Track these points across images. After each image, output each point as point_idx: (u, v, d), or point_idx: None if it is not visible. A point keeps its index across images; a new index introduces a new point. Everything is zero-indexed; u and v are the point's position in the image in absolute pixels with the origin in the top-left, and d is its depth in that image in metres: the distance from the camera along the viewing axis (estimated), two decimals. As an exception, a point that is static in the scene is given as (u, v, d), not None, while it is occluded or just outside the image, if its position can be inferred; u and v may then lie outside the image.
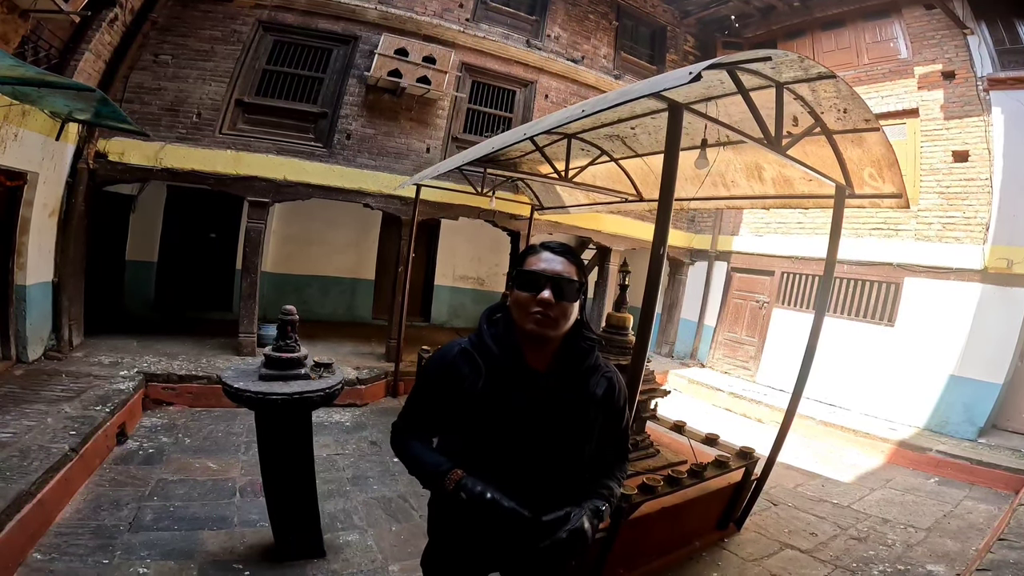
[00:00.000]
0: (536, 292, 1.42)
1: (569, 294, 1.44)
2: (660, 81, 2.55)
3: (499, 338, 1.51)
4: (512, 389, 1.46)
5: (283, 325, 2.99)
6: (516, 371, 1.48)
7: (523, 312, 1.44)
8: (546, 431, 1.47)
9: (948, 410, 6.96)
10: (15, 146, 4.74)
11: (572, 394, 1.50)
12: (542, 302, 1.41)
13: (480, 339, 1.53)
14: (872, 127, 3.48)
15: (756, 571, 3.70)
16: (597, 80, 9.13)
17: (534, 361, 1.50)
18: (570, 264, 1.47)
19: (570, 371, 1.51)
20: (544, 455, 1.47)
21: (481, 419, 1.47)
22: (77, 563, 2.92)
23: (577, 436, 1.51)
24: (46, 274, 5.70)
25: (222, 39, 6.86)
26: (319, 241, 9.64)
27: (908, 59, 7.96)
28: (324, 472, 4.29)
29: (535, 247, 1.53)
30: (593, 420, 1.53)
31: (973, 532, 4.58)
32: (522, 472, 1.45)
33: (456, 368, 1.51)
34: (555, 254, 1.48)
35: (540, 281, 1.43)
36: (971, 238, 7.04)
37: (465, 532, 1.53)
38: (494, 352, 1.49)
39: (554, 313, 1.42)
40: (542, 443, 1.47)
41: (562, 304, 1.43)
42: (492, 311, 1.61)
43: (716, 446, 4.27)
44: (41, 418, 3.97)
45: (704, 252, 10.74)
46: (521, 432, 1.45)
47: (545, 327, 1.43)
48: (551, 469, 1.49)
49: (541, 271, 1.44)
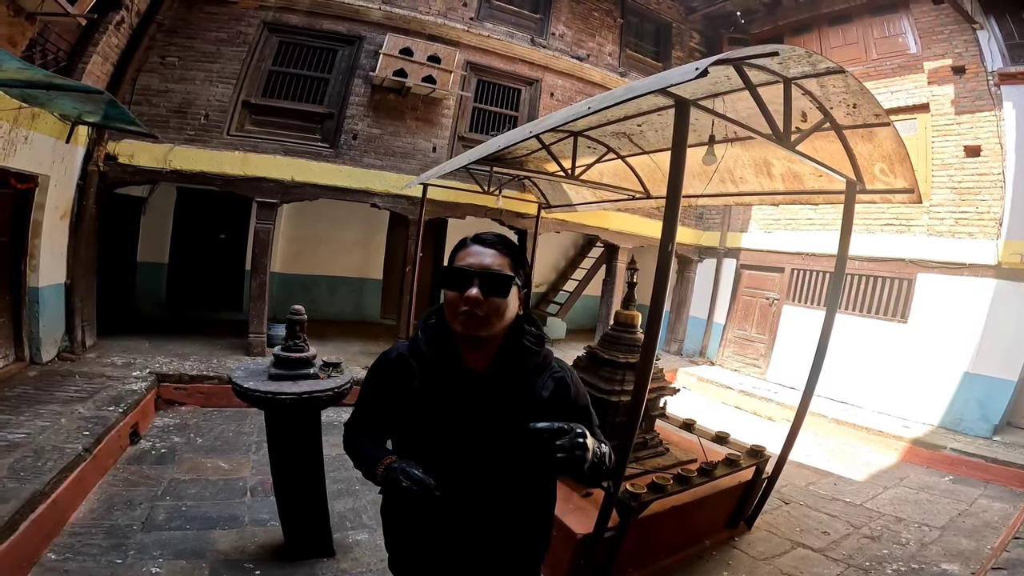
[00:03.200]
0: (463, 290, 1.32)
1: (499, 289, 1.33)
2: (666, 77, 2.53)
3: (433, 341, 1.44)
4: (447, 391, 1.40)
5: (292, 325, 2.99)
6: (452, 373, 1.41)
7: (452, 312, 1.35)
8: (484, 434, 1.39)
9: (962, 407, 6.88)
10: (26, 149, 4.79)
11: (513, 395, 1.41)
12: (468, 300, 1.31)
13: (414, 342, 1.48)
14: (882, 122, 3.44)
15: (767, 570, 3.67)
16: (603, 77, 9.10)
17: (473, 362, 1.42)
18: (501, 256, 1.38)
19: (512, 371, 1.43)
20: (484, 459, 1.39)
21: (417, 422, 1.42)
22: (90, 563, 2.95)
23: (518, 439, 1.35)
24: (58, 276, 5.75)
25: (228, 41, 6.89)
26: (327, 241, 9.68)
27: (917, 54, 7.87)
28: (333, 471, 4.30)
29: (465, 240, 1.44)
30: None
31: (988, 530, 4.52)
32: (463, 479, 1.38)
33: (393, 372, 1.47)
34: (485, 246, 1.39)
35: (467, 277, 1.33)
36: (984, 233, 6.95)
37: (410, 530, 1.49)
38: (427, 355, 1.43)
39: (483, 311, 1.32)
40: (481, 446, 1.39)
41: (492, 300, 1.32)
42: (429, 315, 1.53)
43: (726, 444, 4.25)
44: (55, 419, 4.02)
45: (713, 249, 10.68)
46: (459, 435, 1.39)
47: (473, 327, 1.33)
48: (493, 475, 1.41)
49: (467, 266, 1.35)
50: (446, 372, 1.42)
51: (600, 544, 3.00)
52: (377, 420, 1.55)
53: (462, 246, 1.43)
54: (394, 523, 1.56)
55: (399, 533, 1.55)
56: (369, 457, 1.47)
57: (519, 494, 1.46)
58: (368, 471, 1.45)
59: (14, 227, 5.17)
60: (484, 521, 1.43)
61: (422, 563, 1.51)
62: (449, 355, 1.42)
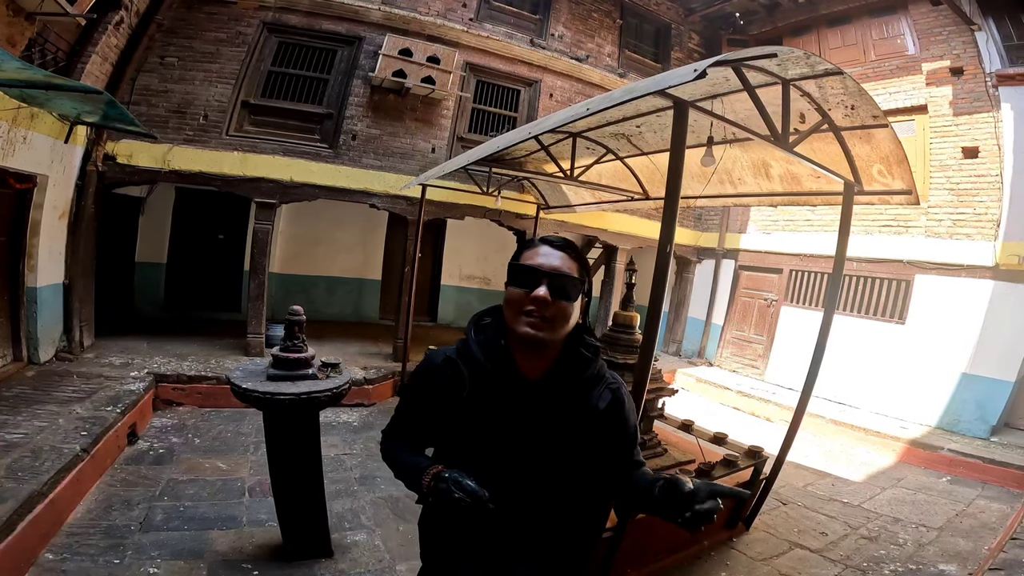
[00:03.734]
0: (531, 289, 1.26)
1: (569, 293, 1.28)
2: (665, 78, 2.54)
3: (486, 344, 1.37)
4: (500, 399, 1.33)
5: (290, 325, 2.99)
6: (505, 380, 1.34)
7: (515, 312, 1.28)
8: (538, 444, 1.32)
9: (960, 408, 6.89)
10: (24, 149, 4.78)
11: (569, 406, 1.34)
12: (537, 300, 1.25)
13: (465, 346, 1.39)
14: (881, 123, 3.45)
15: (765, 570, 3.68)
16: (602, 78, 9.11)
17: (528, 369, 1.35)
18: (571, 260, 1.32)
19: (569, 380, 1.35)
20: (536, 470, 1.32)
21: (465, 431, 1.35)
22: (88, 563, 2.95)
23: (573, 451, 1.34)
24: (57, 276, 5.75)
25: (227, 41, 6.89)
26: (326, 241, 9.68)
27: (916, 55, 7.89)
28: (332, 472, 4.31)
29: (533, 240, 1.38)
30: (593, 436, 1.36)
31: (985, 531, 4.53)
32: (511, 490, 1.31)
33: (439, 378, 1.38)
34: (555, 248, 1.33)
35: (536, 277, 1.27)
36: (982, 234, 6.97)
37: (452, 542, 1.41)
38: (479, 359, 1.35)
39: (550, 313, 1.26)
40: (533, 457, 1.32)
41: (560, 304, 1.26)
42: (481, 315, 1.46)
43: (724, 445, 4.26)
44: (53, 419, 4.01)
45: (711, 250, 10.69)
46: (510, 445, 1.32)
47: (539, 329, 1.26)
48: (543, 486, 1.34)
49: (537, 266, 1.28)
50: (500, 379, 1.34)
51: (598, 544, 3.00)
52: (419, 428, 1.47)
53: (530, 245, 1.37)
54: (435, 535, 1.49)
55: (439, 546, 1.47)
56: (412, 466, 1.39)
57: (568, 507, 1.39)
58: (411, 481, 1.38)
59: (13, 227, 5.16)
60: (531, 534, 1.37)
61: (461, 571, 1.44)
62: (504, 360, 1.35)
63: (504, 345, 1.35)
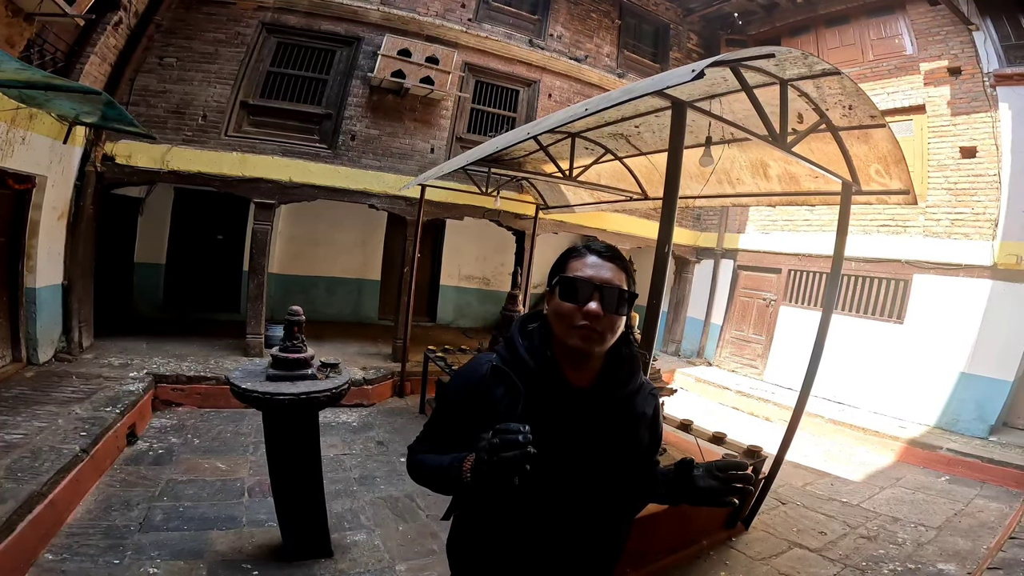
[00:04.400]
0: (582, 303, 1.23)
1: (619, 306, 1.25)
2: (663, 79, 2.55)
3: (535, 351, 1.32)
4: (551, 409, 1.28)
5: (290, 326, 3.00)
6: (556, 389, 1.30)
7: (566, 325, 1.26)
8: (592, 454, 1.30)
9: (959, 408, 6.91)
10: (23, 149, 4.78)
11: (619, 415, 1.34)
12: (589, 315, 1.22)
13: (514, 353, 1.34)
14: (878, 123, 3.46)
15: (764, 570, 3.69)
16: (600, 79, 9.12)
17: (575, 378, 1.32)
18: (620, 271, 1.29)
19: (617, 389, 1.34)
20: (589, 480, 1.31)
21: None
22: (88, 563, 2.95)
23: (625, 459, 1.35)
24: (56, 276, 5.74)
25: (226, 41, 6.89)
26: (325, 242, 9.67)
27: (914, 55, 7.90)
28: (331, 472, 4.31)
29: (578, 249, 1.34)
30: (642, 442, 1.38)
31: (984, 530, 4.54)
32: (561, 500, 1.30)
33: (487, 389, 1.33)
34: (603, 259, 1.29)
35: (587, 290, 1.24)
36: (980, 234, 6.98)
37: (493, 548, 1.37)
38: (531, 368, 1.30)
39: (601, 327, 1.23)
40: (587, 467, 1.30)
41: (611, 317, 1.24)
42: (526, 320, 1.42)
43: (723, 445, 4.26)
44: (52, 419, 4.01)
45: (710, 250, 10.70)
46: (564, 456, 1.28)
47: (591, 343, 1.24)
48: (594, 495, 1.33)
49: (589, 278, 1.25)
50: (551, 388, 1.31)
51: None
52: (455, 443, 1.34)
53: (577, 255, 1.32)
54: (467, 554, 1.44)
55: (478, 550, 1.41)
56: (445, 461, 1.30)
57: (612, 513, 1.39)
58: (448, 476, 1.28)
59: (11, 228, 5.16)
60: (575, 542, 1.35)
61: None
62: (553, 369, 1.31)
63: (551, 355, 1.32)
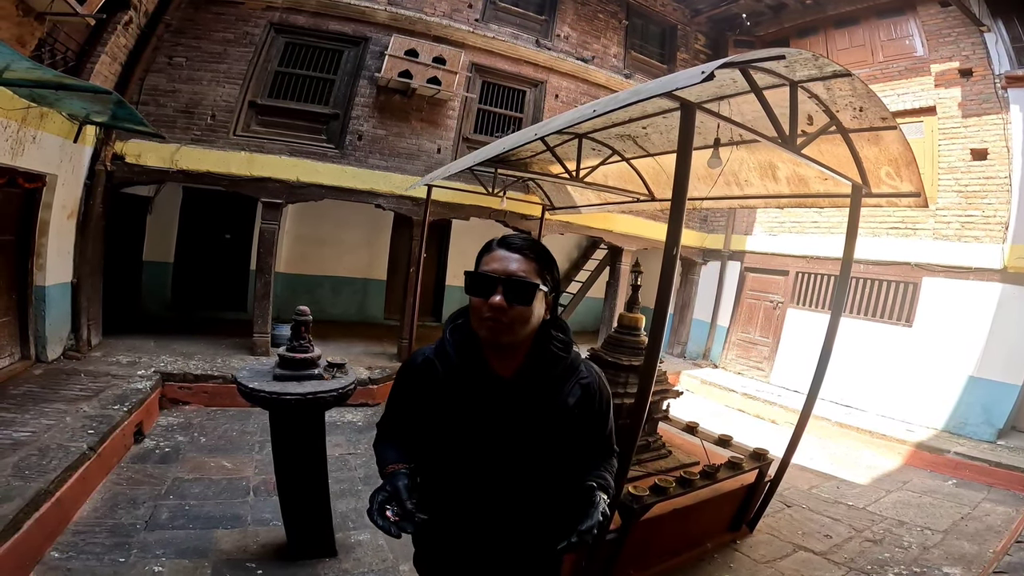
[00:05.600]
0: (487, 296, 1.29)
1: (524, 297, 1.30)
2: (672, 80, 2.54)
3: (460, 345, 1.41)
4: (473, 397, 1.38)
5: (297, 325, 3.01)
6: (478, 379, 1.39)
7: (476, 318, 1.34)
8: (509, 441, 1.37)
9: (966, 411, 6.85)
10: (34, 148, 4.82)
11: (539, 402, 1.39)
12: (492, 307, 1.28)
13: (440, 347, 1.45)
14: (889, 125, 3.43)
15: (768, 573, 3.66)
16: (607, 80, 9.10)
17: (500, 367, 1.40)
18: (527, 261, 1.33)
19: (539, 377, 1.40)
20: (509, 465, 1.38)
21: (443, 428, 1.40)
22: (94, 561, 2.96)
23: (544, 447, 1.40)
24: (65, 275, 5.78)
25: (234, 41, 6.92)
26: (332, 242, 9.70)
27: (924, 57, 7.84)
28: (336, 472, 4.31)
29: (491, 243, 1.40)
30: (564, 431, 1.42)
31: (990, 534, 4.50)
32: (488, 483, 1.39)
33: (419, 377, 1.44)
34: (511, 251, 1.34)
35: (490, 284, 1.30)
36: (990, 237, 6.92)
37: (435, 531, 1.46)
38: (453, 359, 1.40)
39: (507, 319, 1.29)
40: (506, 453, 1.38)
41: (517, 308, 1.29)
42: (455, 316, 1.50)
43: (729, 447, 4.24)
44: (60, 417, 4.04)
45: (717, 252, 10.66)
46: (483, 441, 1.37)
47: (499, 334, 1.31)
48: (518, 480, 1.40)
49: (491, 271, 1.31)
50: (472, 377, 1.39)
51: (602, 546, 3.00)
52: (403, 423, 1.52)
53: (487, 250, 1.39)
54: (422, 534, 1.53)
55: (424, 533, 1.51)
56: (381, 460, 1.47)
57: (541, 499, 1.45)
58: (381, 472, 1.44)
59: (21, 226, 5.20)
60: (506, 524, 1.43)
61: (446, 562, 1.51)
62: (476, 360, 1.40)
63: (476, 344, 1.40)
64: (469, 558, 1.47)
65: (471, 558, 1.47)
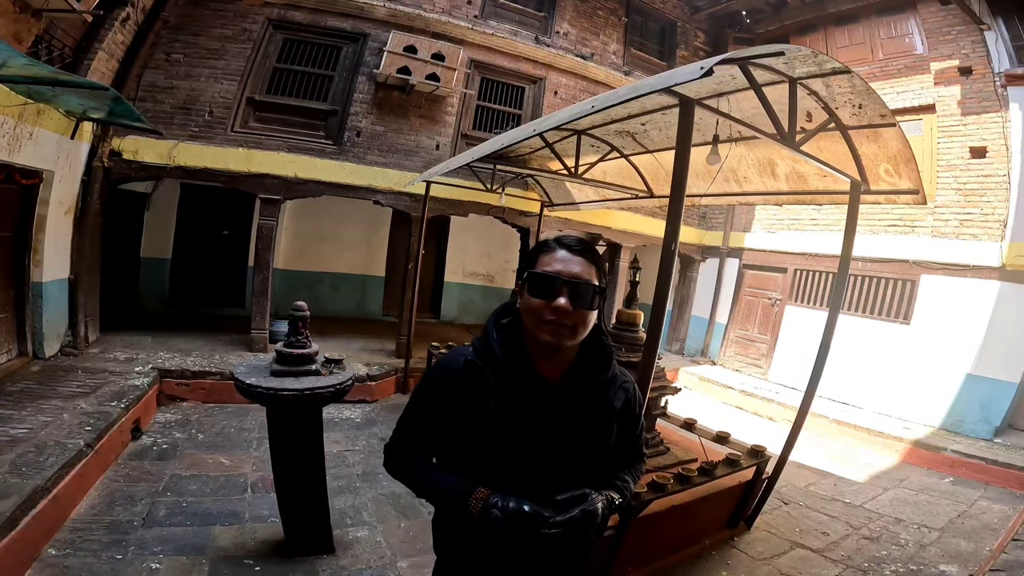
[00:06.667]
0: (551, 298, 1.23)
1: (588, 300, 1.26)
2: (671, 76, 2.53)
3: (508, 345, 1.33)
4: (522, 401, 1.30)
5: (294, 321, 3.00)
6: (526, 381, 1.32)
7: (535, 320, 1.27)
8: (560, 447, 1.32)
9: (964, 409, 6.86)
10: (31, 145, 4.79)
11: (589, 407, 1.35)
12: (558, 310, 1.23)
13: (487, 347, 1.35)
14: (888, 122, 3.43)
15: (766, 570, 3.67)
16: (607, 76, 9.08)
17: (546, 370, 1.34)
18: (589, 264, 1.29)
19: (587, 382, 1.36)
20: (558, 472, 1.31)
21: (492, 437, 1.31)
22: (91, 558, 2.96)
23: (590, 451, 1.37)
24: (62, 271, 5.77)
25: (232, 38, 6.90)
26: (330, 238, 9.69)
27: (924, 55, 7.84)
28: (334, 468, 4.32)
29: (549, 243, 1.34)
30: (609, 435, 1.40)
31: (987, 532, 4.52)
32: (530, 489, 1.28)
33: (462, 383, 1.33)
34: (572, 252, 1.29)
35: (555, 286, 1.24)
36: (989, 235, 6.93)
37: (481, 550, 1.36)
38: (503, 361, 1.32)
39: (571, 322, 1.24)
40: (556, 459, 1.32)
41: (580, 312, 1.25)
42: (500, 314, 1.42)
43: (727, 444, 4.25)
44: (57, 414, 4.03)
45: (716, 249, 10.66)
46: (533, 448, 1.30)
47: (561, 337, 1.26)
48: (561, 485, 1.31)
49: (556, 273, 1.25)
50: (521, 380, 1.32)
51: (599, 543, 3.00)
52: (435, 436, 1.40)
53: (547, 249, 1.33)
54: (451, 535, 1.45)
55: (459, 549, 1.44)
56: (445, 485, 1.33)
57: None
58: (448, 503, 1.33)
59: (19, 222, 5.18)
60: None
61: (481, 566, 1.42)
62: (525, 362, 1.33)
63: (523, 345, 1.34)
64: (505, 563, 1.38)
65: (507, 563, 1.38)
